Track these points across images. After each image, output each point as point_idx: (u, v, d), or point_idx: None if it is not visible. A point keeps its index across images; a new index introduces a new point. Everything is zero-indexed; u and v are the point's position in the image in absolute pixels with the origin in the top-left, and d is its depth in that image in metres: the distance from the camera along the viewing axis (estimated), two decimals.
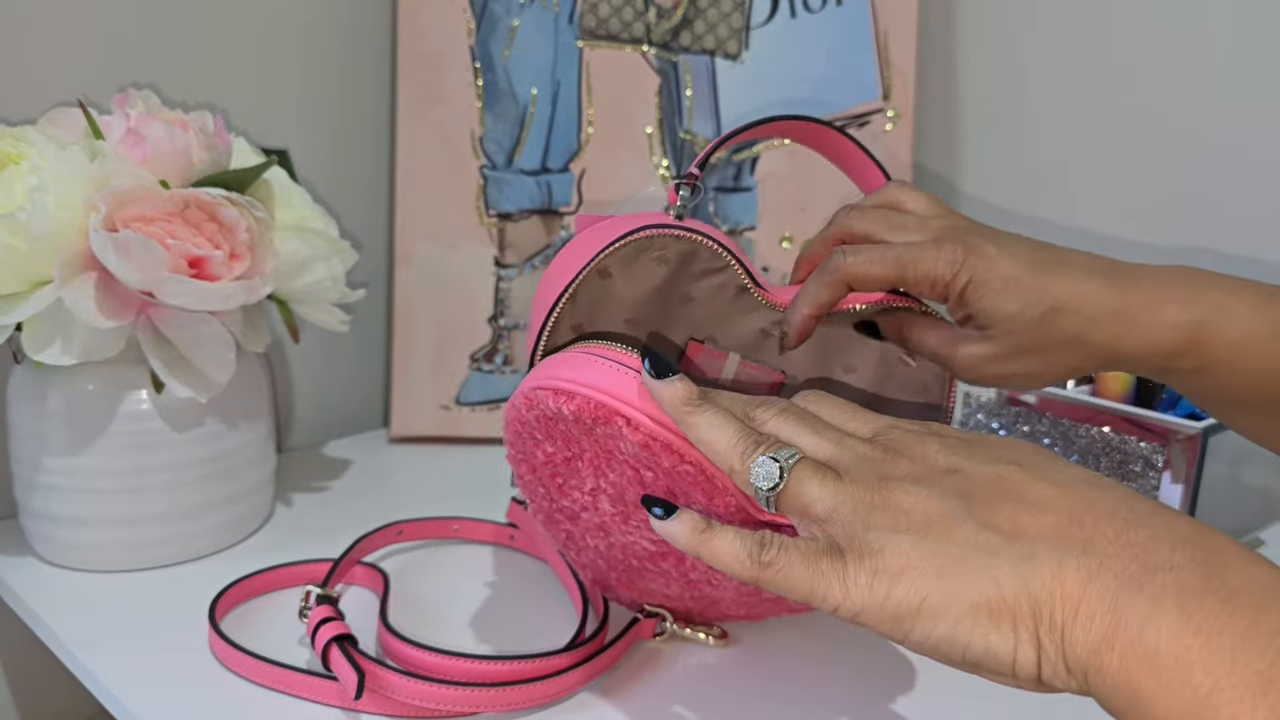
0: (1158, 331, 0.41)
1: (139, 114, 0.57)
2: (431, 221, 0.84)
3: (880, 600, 0.31)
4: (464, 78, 0.83)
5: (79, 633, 0.55)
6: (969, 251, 0.43)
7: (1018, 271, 0.42)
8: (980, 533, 0.31)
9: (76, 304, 0.53)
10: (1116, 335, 0.42)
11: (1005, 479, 0.32)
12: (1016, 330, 0.42)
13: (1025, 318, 0.42)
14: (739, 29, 0.84)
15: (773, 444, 0.37)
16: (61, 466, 0.59)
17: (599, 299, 0.47)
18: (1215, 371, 0.42)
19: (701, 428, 0.38)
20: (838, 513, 0.34)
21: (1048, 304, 0.42)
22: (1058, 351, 0.42)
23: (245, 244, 0.57)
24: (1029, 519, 0.31)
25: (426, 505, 0.69)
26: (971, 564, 0.30)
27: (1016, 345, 0.43)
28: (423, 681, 0.46)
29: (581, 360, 0.43)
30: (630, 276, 0.47)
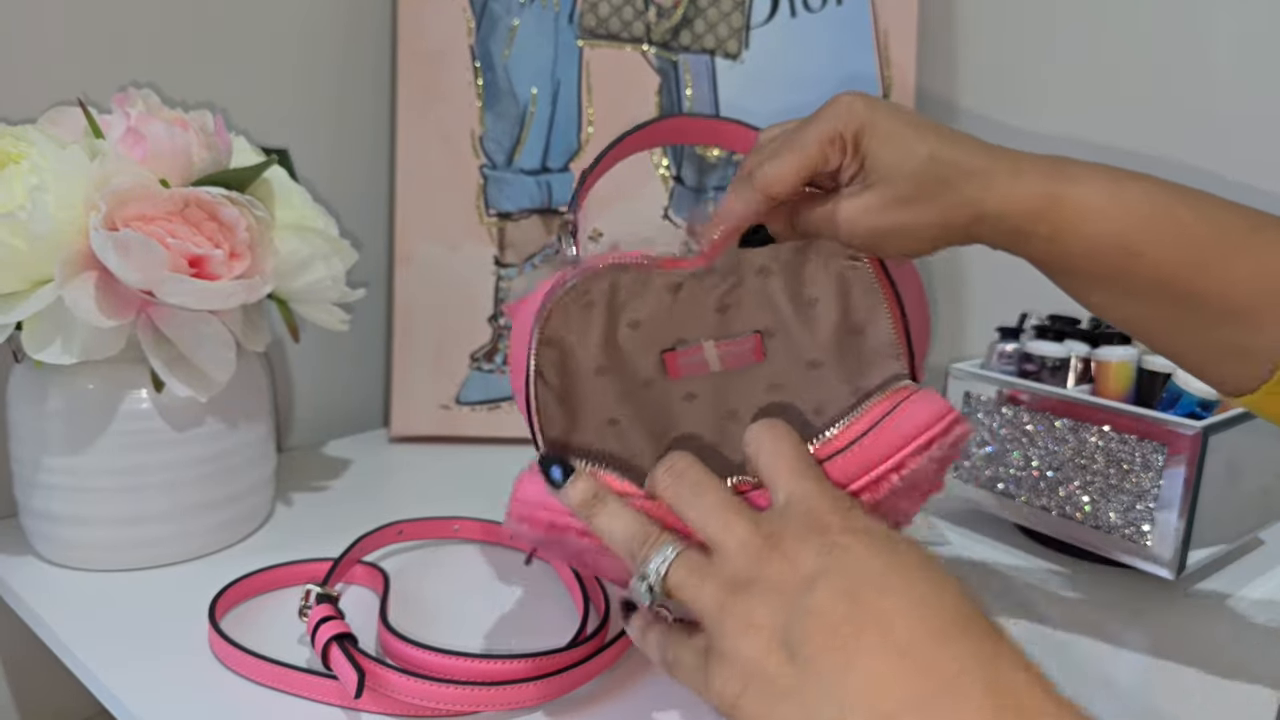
0: (1019, 191, 0.44)
1: (139, 113, 0.57)
2: (432, 221, 0.84)
3: (729, 710, 0.36)
4: (464, 77, 0.83)
5: (79, 632, 0.55)
6: (866, 104, 0.46)
7: (903, 127, 0.45)
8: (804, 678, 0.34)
9: (77, 303, 0.53)
10: (984, 191, 0.44)
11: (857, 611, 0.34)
12: (896, 179, 0.45)
13: (905, 167, 0.45)
14: (739, 28, 0.84)
15: (653, 543, 0.40)
16: (62, 465, 0.59)
17: (563, 365, 0.50)
18: (1065, 238, 0.44)
19: (601, 532, 0.43)
20: (704, 616, 0.38)
21: (926, 154, 0.44)
22: (930, 204, 0.45)
23: (245, 243, 0.57)
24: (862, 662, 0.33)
25: (426, 505, 0.69)
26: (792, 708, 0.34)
27: (894, 195, 0.45)
28: (423, 680, 0.46)
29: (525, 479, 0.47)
30: (573, 333, 0.49)
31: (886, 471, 0.43)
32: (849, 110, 0.45)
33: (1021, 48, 0.86)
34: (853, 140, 0.46)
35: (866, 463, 0.43)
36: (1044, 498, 0.64)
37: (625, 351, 0.51)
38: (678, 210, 0.86)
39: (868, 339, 0.51)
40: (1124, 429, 0.60)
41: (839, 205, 0.46)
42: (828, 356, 0.53)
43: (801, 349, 0.53)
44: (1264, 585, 0.64)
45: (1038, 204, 0.44)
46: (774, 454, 0.42)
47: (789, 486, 0.40)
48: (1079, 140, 0.83)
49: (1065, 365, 0.69)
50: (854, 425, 0.45)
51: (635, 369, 0.51)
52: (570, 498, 0.43)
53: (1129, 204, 0.44)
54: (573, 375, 0.50)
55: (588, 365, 0.50)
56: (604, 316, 0.49)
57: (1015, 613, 0.59)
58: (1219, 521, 0.61)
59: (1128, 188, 0.44)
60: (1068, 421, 0.63)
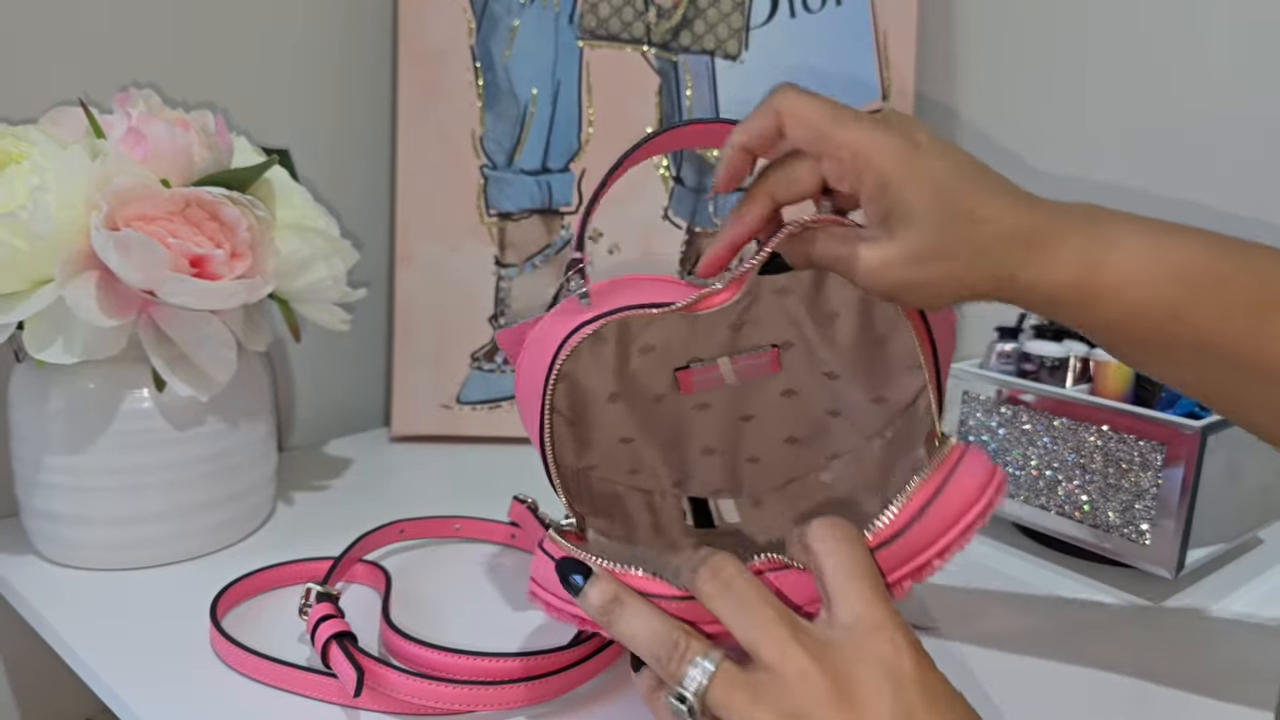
0: (1056, 263, 0.41)
1: (140, 113, 0.57)
2: (432, 221, 0.85)
3: None
4: (464, 77, 0.83)
5: (80, 631, 0.55)
6: (899, 137, 0.41)
7: (943, 171, 0.41)
8: None
9: (78, 303, 0.53)
10: (1019, 255, 0.41)
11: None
12: (926, 231, 0.41)
13: (938, 218, 0.41)
14: (739, 29, 0.85)
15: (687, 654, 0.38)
16: (63, 465, 0.59)
17: (574, 396, 0.49)
18: (1102, 305, 0.42)
19: (624, 639, 0.40)
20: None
21: (965, 209, 0.41)
22: (960, 261, 0.41)
23: (246, 243, 0.57)
24: None
25: (427, 504, 0.69)
26: None
27: (920, 248, 0.41)
28: (422, 679, 0.46)
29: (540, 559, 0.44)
30: (584, 369, 0.49)
31: (931, 558, 0.41)
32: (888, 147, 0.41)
33: (1021, 49, 0.86)
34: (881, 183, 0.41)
35: (914, 550, 0.41)
36: (1043, 497, 0.65)
37: (637, 375, 0.50)
38: (678, 211, 0.86)
39: (889, 349, 0.51)
40: (1123, 428, 0.60)
41: (859, 251, 0.43)
42: (846, 367, 0.52)
43: (820, 361, 0.53)
44: (1263, 584, 0.64)
45: (1074, 275, 0.41)
46: (842, 563, 0.38)
47: (858, 609, 0.37)
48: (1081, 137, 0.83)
49: (1064, 365, 0.69)
50: (905, 509, 0.41)
51: (647, 388, 0.50)
52: (590, 603, 0.40)
53: (1171, 266, 0.41)
54: (584, 403, 0.49)
55: (599, 394, 0.49)
56: (615, 350, 0.48)
57: (1014, 612, 0.59)
58: (1218, 521, 0.62)
59: (1168, 249, 0.42)
60: (1066, 421, 0.63)
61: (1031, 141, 0.86)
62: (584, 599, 0.40)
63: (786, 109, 0.43)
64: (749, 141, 0.45)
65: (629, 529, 0.54)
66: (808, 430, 0.55)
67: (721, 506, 0.57)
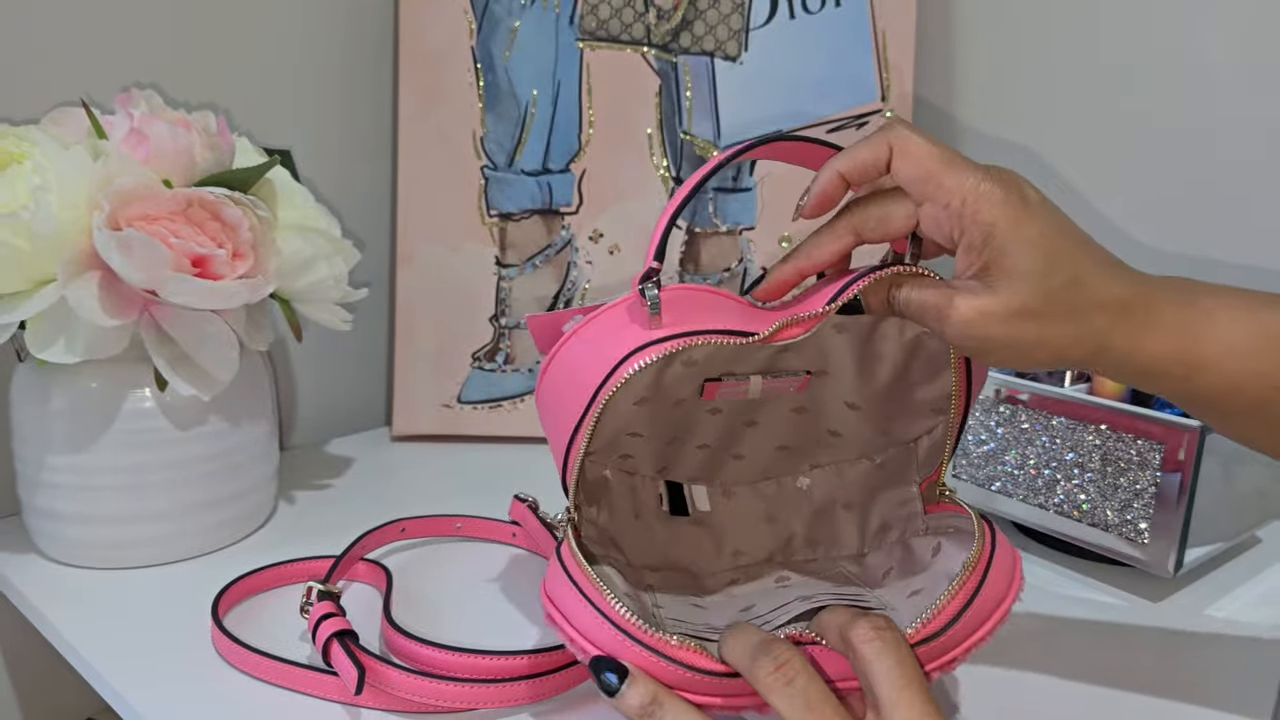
0: (1153, 336, 0.41)
1: (142, 113, 0.57)
2: (433, 221, 0.85)
3: None
4: (465, 78, 0.84)
5: (82, 630, 0.55)
6: (1009, 191, 0.41)
7: (1050, 231, 0.41)
8: None
9: (80, 302, 0.53)
10: (1114, 323, 0.41)
11: None
12: (1027, 289, 0.40)
13: (1042, 277, 0.40)
14: (738, 30, 0.85)
15: None
16: (65, 464, 0.59)
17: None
18: (1203, 378, 0.41)
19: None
20: None
21: (1069, 273, 0.40)
22: (1056, 323, 0.41)
23: (248, 243, 0.58)
24: None
25: (428, 503, 0.69)
26: None
27: (1021, 305, 0.40)
28: (423, 677, 0.46)
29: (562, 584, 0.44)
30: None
31: (963, 653, 0.42)
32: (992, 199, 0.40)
33: (1019, 51, 0.86)
34: (986, 234, 0.40)
35: (950, 646, 0.42)
36: (1041, 496, 0.65)
37: (667, 385, 0.49)
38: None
39: (917, 394, 0.51)
40: (1121, 427, 0.61)
41: (955, 302, 0.41)
42: (870, 402, 0.53)
43: (845, 392, 0.53)
44: (1261, 583, 0.64)
45: (1173, 346, 0.41)
46: (891, 670, 0.38)
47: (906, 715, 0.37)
48: (1080, 137, 0.83)
49: None
50: (947, 610, 0.42)
51: (673, 393, 0.50)
52: (628, 705, 0.39)
53: (1272, 336, 0.41)
54: (614, 405, 0.48)
55: (630, 398, 0.49)
56: (663, 362, 0.45)
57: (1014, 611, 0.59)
58: (1216, 520, 0.62)
59: (1268, 319, 0.41)
60: (1065, 420, 0.63)
61: (1031, 143, 0.86)
62: (622, 700, 0.39)
63: (900, 145, 0.42)
64: (851, 171, 0.43)
65: (611, 515, 0.54)
66: (801, 441, 0.56)
67: (694, 493, 0.57)
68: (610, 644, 0.41)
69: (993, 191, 0.40)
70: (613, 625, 0.41)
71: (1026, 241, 0.40)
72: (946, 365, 0.48)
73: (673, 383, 0.49)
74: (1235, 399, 0.42)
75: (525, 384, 0.87)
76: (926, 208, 0.42)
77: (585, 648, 0.42)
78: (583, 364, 0.44)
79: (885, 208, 0.43)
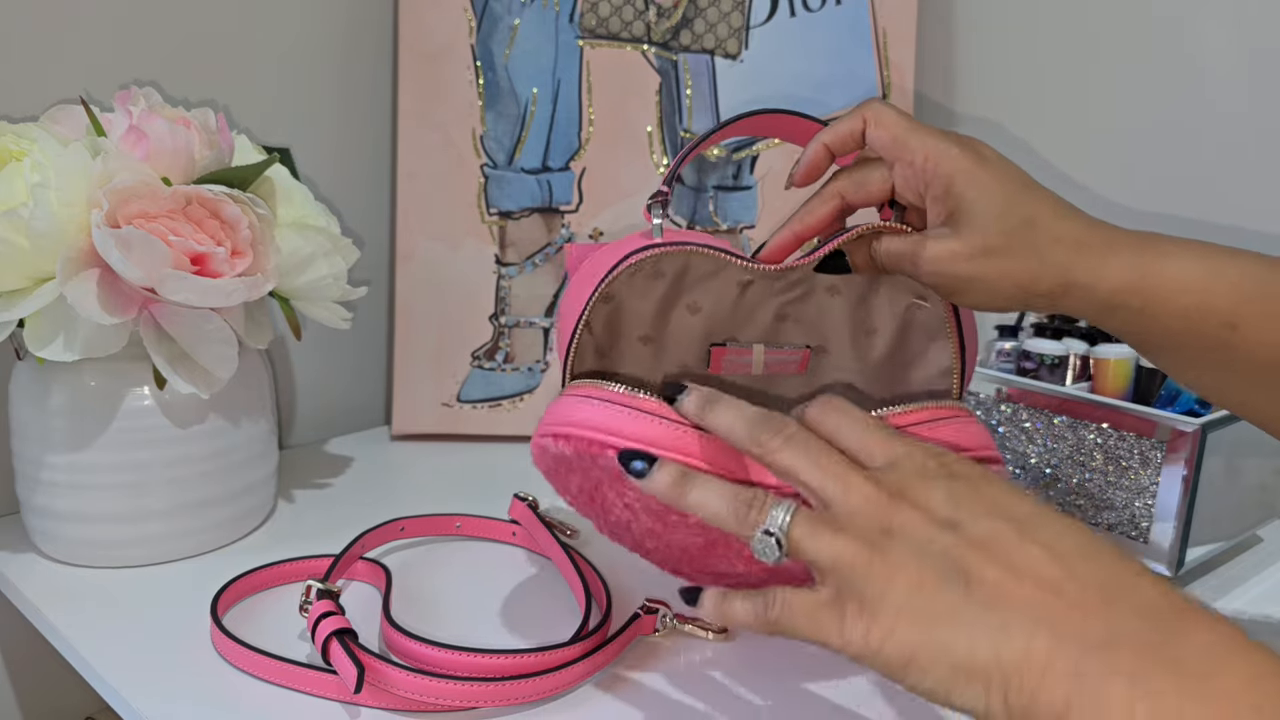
0: (1111, 264, 0.44)
1: (141, 111, 0.57)
2: (432, 220, 0.85)
3: (875, 650, 0.34)
4: (465, 76, 0.84)
5: (82, 628, 0.55)
6: (965, 148, 0.47)
7: (1005, 179, 0.46)
8: (964, 600, 0.33)
9: (79, 300, 0.53)
10: (1074, 259, 0.45)
11: (997, 540, 0.34)
12: (986, 229, 0.45)
13: (999, 218, 0.45)
14: (738, 28, 0.85)
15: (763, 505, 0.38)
16: (64, 463, 0.59)
17: (611, 321, 0.50)
18: (1157, 311, 0.44)
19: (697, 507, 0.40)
20: (837, 566, 0.36)
21: (1026, 213, 0.45)
22: (1018, 260, 0.45)
23: (247, 241, 0.57)
24: (1011, 586, 0.33)
25: (428, 502, 0.69)
26: (953, 630, 0.33)
27: (983, 244, 0.45)
28: (422, 675, 0.46)
29: (571, 403, 0.46)
30: (633, 295, 0.50)
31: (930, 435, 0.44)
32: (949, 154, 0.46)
33: (1020, 49, 0.86)
34: (947, 183, 0.46)
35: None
36: (1042, 494, 0.65)
37: (674, 331, 0.51)
38: (678, 209, 0.86)
39: (912, 374, 0.52)
40: (1122, 426, 0.61)
41: (924, 245, 0.46)
42: (867, 382, 0.54)
43: (844, 372, 0.54)
44: (1262, 582, 0.64)
45: (1129, 277, 0.44)
46: (854, 428, 0.40)
47: (885, 451, 0.39)
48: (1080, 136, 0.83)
49: (1064, 363, 0.69)
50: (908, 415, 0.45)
51: (680, 353, 0.52)
52: (657, 483, 0.41)
53: (1225, 277, 0.43)
54: (618, 333, 0.51)
55: (634, 330, 0.51)
56: (665, 290, 0.50)
57: None
58: (1217, 519, 0.62)
59: (1222, 262, 0.44)
60: (1066, 419, 0.63)
61: (1031, 141, 0.86)
62: (650, 481, 0.41)
63: (872, 115, 0.48)
64: (833, 141, 0.49)
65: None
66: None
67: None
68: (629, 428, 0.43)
69: (950, 149, 0.46)
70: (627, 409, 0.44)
71: (983, 189, 0.45)
72: (941, 335, 0.50)
73: (677, 333, 0.51)
74: (1188, 338, 0.44)
75: (525, 383, 0.86)
76: (898, 168, 0.48)
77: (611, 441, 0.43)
78: (590, 269, 0.50)
79: (864, 172, 0.49)
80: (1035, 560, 0.33)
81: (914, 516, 0.36)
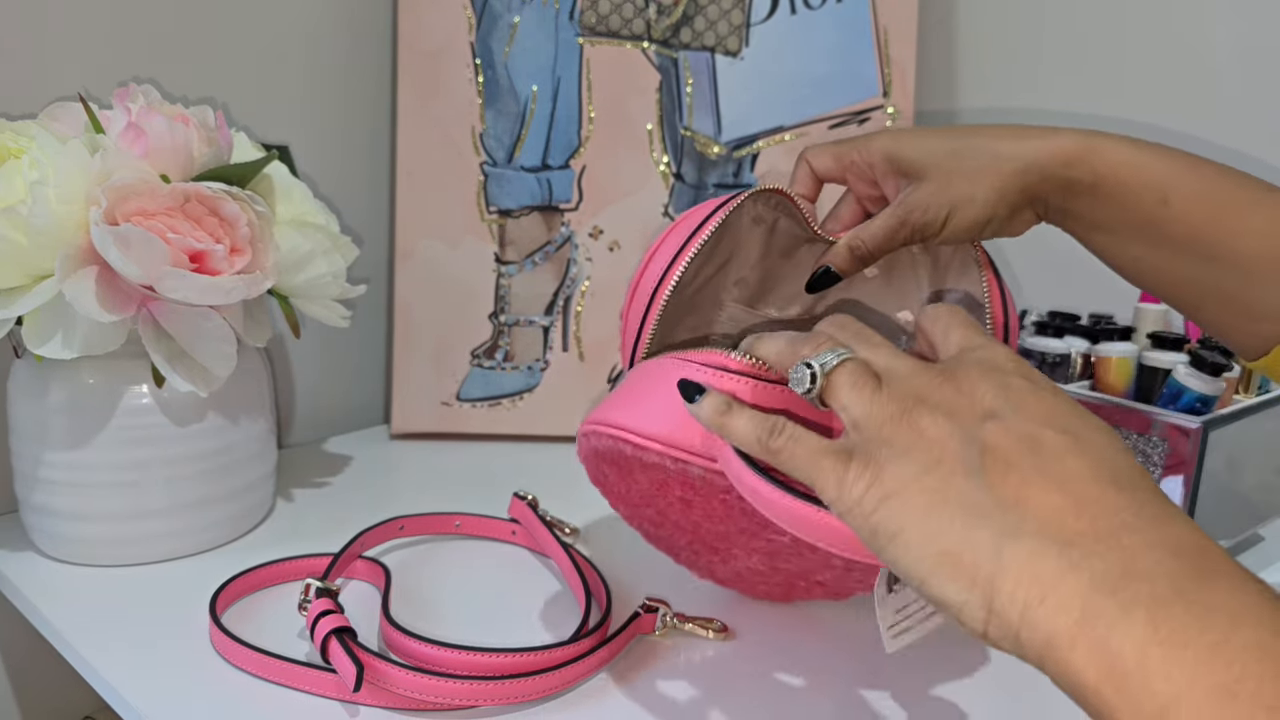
0: (1055, 141, 0.49)
1: (140, 108, 0.57)
2: (432, 218, 0.85)
3: (866, 512, 0.33)
4: (464, 74, 0.83)
5: (80, 627, 0.55)
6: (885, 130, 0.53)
7: (928, 131, 0.52)
8: (980, 490, 0.31)
9: (77, 298, 0.53)
10: (1018, 144, 0.49)
11: (1035, 444, 0.32)
12: (934, 162, 0.50)
13: (938, 153, 0.50)
14: (739, 26, 0.85)
15: (822, 344, 0.38)
16: (62, 461, 0.59)
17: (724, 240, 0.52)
18: (1106, 187, 0.49)
19: (754, 347, 0.42)
20: (864, 421, 0.35)
21: (961, 138, 0.51)
22: (977, 167, 0.50)
23: (246, 239, 0.57)
24: (1034, 492, 0.31)
25: (427, 501, 0.69)
26: (956, 516, 0.31)
27: (941, 169, 0.50)
28: (422, 674, 0.46)
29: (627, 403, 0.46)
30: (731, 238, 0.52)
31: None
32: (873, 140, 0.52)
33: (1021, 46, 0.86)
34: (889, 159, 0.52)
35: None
36: None
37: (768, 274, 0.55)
38: (678, 207, 0.86)
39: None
40: (1124, 424, 0.60)
41: (902, 205, 0.50)
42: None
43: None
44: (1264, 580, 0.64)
45: (1076, 150, 0.48)
46: (951, 321, 0.39)
47: (961, 340, 0.38)
48: None
49: (1065, 361, 0.69)
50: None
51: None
52: (705, 413, 0.40)
53: (1158, 155, 0.48)
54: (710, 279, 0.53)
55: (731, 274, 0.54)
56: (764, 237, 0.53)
57: None
58: (1219, 517, 0.61)
59: (1156, 148, 0.49)
60: None
61: None
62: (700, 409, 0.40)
63: (807, 154, 0.55)
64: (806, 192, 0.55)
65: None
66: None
67: None
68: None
69: (875, 137, 0.53)
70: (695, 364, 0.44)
71: (912, 143, 0.51)
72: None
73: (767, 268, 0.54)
74: (1128, 214, 0.49)
75: (524, 382, 0.86)
76: (850, 183, 0.55)
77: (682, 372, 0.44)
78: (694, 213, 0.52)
79: (836, 214, 0.56)
80: (1069, 474, 0.31)
81: (956, 397, 0.34)
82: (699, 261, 0.51)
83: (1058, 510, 0.30)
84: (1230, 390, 0.66)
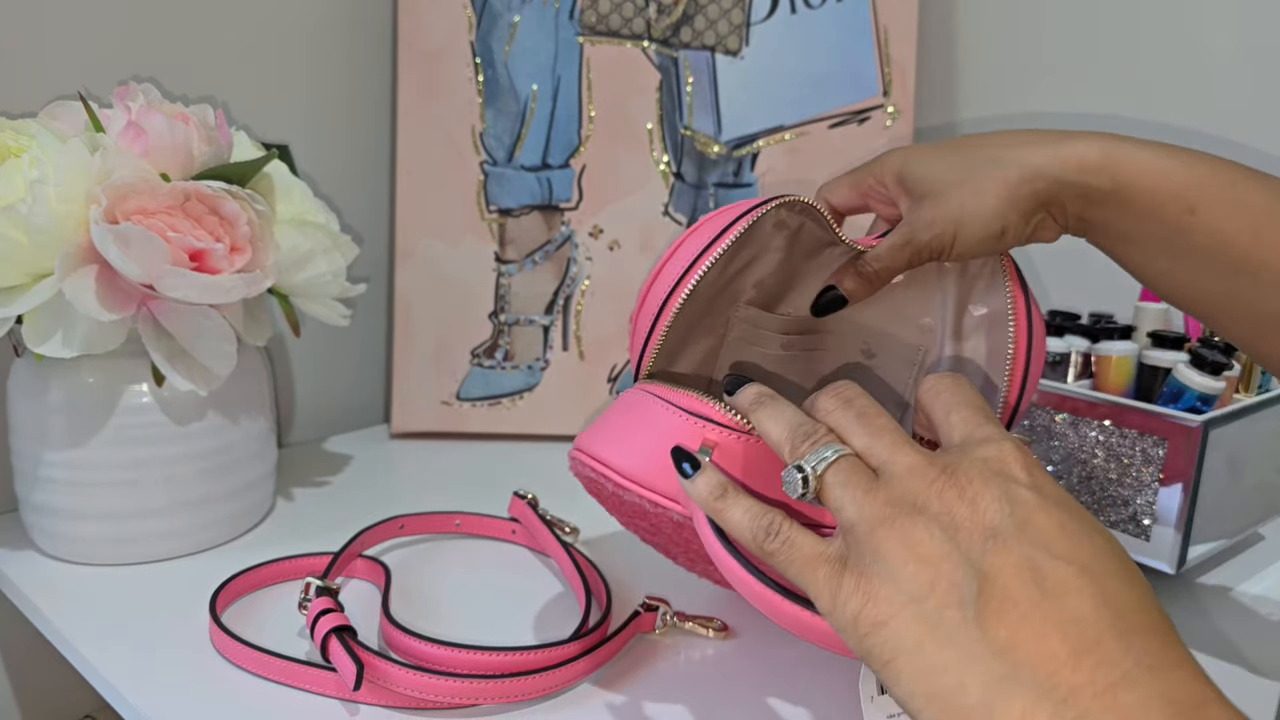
0: (1070, 148, 0.47)
1: (140, 107, 0.57)
2: (432, 217, 0.85)
3: (860, 635, 0.32)
4: (464, 74, 0.83)
5: (80, 626, 0.55)
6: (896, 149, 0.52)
7: (939, 144, 0.51)
8: (973, 629, 0.30)
9: (77, 296, 0.53)
10: (1028, 151, 0.47)
11: (1037, 576, 0.30)
12: (947, 176, 0.48)
13: (950, 165, 0.49)
14: (739, 25, 0.85)
15: (819, 440, 0.36)
16: (62, 460, 0.59)
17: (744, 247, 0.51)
18: (1128, 194, 0.46)
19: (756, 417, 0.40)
20: (857, 524, 0.33)
21: (972, 149, 0.49)
22: (982, 179, 0.48)
23: (246, 237, 0.57)
24: (1031, 637, 0.29)
25: (427, 500, 0.69)
26: (949, 655, 0.30)
27: (947, 184, 0.48)
28: (421, 673, 0.46)
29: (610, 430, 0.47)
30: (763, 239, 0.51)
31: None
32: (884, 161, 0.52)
33: (1020, 45, 0.86)
34: (899, 177, 0.50)
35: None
36: None
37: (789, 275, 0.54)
38: (678, 206, 0.86)
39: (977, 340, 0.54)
40: (1124, 423, 0.60)
41: (910, 223, 0.49)
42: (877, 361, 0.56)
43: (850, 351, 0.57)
44: (1264, 580, 0.64)
45: (1096, 156, 0.46)
46: (942, 397, 0.38)
47: (967, 428, 0.36)
48: None
49: (1065, 360, 0.69)
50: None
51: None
52: (699, 491, 0.39)
53: (1184, 161, 0.46)
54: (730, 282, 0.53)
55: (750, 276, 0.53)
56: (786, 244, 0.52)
57: None
58: (1219, 516, 0.61)
59: (1179, 153, 0.46)
60: (1068, 416, 0.63)
61: None
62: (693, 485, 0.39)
63: (823, 190, 0.55)
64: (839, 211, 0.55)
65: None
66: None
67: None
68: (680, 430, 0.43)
69: (887, 156, 0.52)
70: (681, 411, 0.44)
71: (919, 160, 0.50)
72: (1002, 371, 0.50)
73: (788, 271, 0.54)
74: (1153, 225, 0.46)
75: (524, 381, 0.86)
76: (872, 206, 0.54)
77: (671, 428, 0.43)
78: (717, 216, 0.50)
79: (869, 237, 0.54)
80: (1074, 617, 0.29)
81: (958, 505, 0.32)
82: (718, 266, 0.50)
83: (1054, 660, 0.29)
84: (1230, 389, 0.66)
